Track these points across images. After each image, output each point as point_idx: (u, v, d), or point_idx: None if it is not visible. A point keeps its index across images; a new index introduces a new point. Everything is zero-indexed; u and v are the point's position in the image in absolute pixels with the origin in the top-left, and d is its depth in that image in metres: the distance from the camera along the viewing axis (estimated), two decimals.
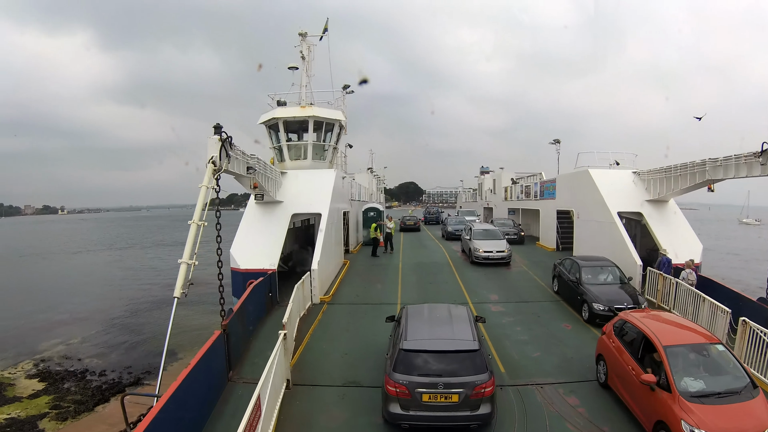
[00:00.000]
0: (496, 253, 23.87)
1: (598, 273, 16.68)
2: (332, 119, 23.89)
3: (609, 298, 14.94)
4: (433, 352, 9.10)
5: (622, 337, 10.36)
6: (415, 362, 8.92)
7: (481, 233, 25.82)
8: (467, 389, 8.54)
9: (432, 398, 8.58)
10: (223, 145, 11.51)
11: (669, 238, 20.10)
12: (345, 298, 18.34)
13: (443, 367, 8.85)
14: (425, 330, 9.99)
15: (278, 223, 19.44)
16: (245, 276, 17.30)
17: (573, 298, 16.58)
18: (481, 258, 23.74)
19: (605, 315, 14.07)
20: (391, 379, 8.77)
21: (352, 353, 12.76)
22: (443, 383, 8.59)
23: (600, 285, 15.98)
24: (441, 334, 9.81)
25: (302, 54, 24.45)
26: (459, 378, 8.65)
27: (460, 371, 8.77)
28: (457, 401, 8.55)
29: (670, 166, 19.91)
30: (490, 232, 26.12)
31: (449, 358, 9.02)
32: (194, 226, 10.51)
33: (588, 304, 15.14)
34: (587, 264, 17.15)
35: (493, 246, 24.20)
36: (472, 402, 8.56)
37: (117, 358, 20.55)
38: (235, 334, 12.06)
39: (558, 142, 37.91)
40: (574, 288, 16.48)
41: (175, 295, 9.94)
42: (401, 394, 8.65)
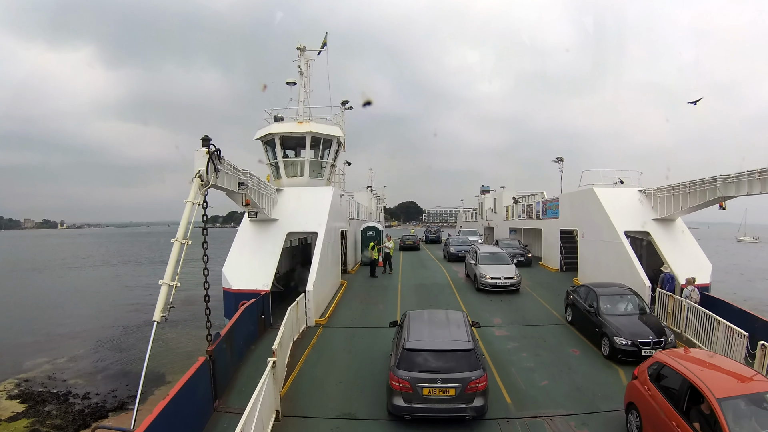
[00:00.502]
0: (505, 279, 21.63)
1: (617, 302, 15.05)
2: (330, 135, 23.28)
3: (632, 331, 13.37)
4: (433, 351, 10.09)
5: (660, 384, 8.81)
6: (417, 360, 9.89)
7: (487, 257, 23.55)
8: (462, 384, 9.50)
9: (431, 392, 9.53)
10: (210, 159, 10.84)
11: (677, 257, 19.44)
12: (341, 320, 17.53)
13: (441, 365, 9.80)
14: (425, 332, 10.99)
15: (273, 242, 18.71)
16: (237, 297, 16.53)
17: (590, 329, 15.00)
18: (488, 285, 21.56)
19: (628, 350, 12.91)
20: (395, 375, 9.74)
21: (347, 382, 11.95)
22: (441, 379, 9.55)
23: (620, 316, 14.42)
24: (439, 335, 10.90)
25: (300, 68, 23.94)
26: (455, 374, 9.60)
27: (456, 368, 9.72)
28: (454, 395, 9.50)
29: (678, 184, 19.32)
30: (498, 256, 23.84)
31: (447, 357, 10.00)
32: (177, 245, 9.81)
33: (608, 337, 13.53)
34: (605, 292, 15.48)
35: (501, 272, 21.99)
36: (467, 396, 9.53)
37: (103, 380, 19.61)
38: (222, 360, 11.30)
39: (561, 160, 37.32)
40: (592, 319, 14.85)
41: (154, 319, 9.21)
42: (404, 388, 9.61)
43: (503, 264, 22.95)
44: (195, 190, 10.39)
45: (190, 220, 10.15)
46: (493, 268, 22.34)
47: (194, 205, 10.25)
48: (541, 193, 35.96)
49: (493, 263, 22.90)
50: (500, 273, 21.85)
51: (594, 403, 10.73)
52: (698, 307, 14.65)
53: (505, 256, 23.93)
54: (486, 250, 24.99)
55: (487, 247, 26.52)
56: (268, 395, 9.21)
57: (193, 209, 10.23)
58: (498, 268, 22.26)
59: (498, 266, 22.53)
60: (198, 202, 10.33)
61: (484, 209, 53.77)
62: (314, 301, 16.61)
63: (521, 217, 37.27)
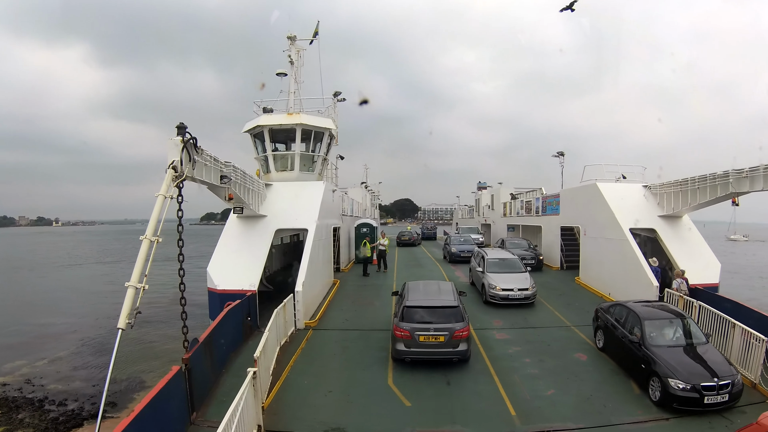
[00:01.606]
0: (519, 291, 18.35)
1: (664, 327, 11.83)
2: (322, 128, 22.28)
3: (691, 371, 10.33)
4: (427, 308, 12.91)
5: None
6: (414, 315, 12.64)
7: (497, 264, 20.29)
8: (450, 332, 12.13)
9: (426, 339, 12.12)
10: (185, 148, 9.84)
11: (685, 256, 18.64)
12: (333, 322, 16.57)
13: (434, 318, 12.55)
14: (421, 295, 13.87)
15: (261, 239, 17.75)
16: (223, 297, 15.60)
17: (631, 362, 11.79)
18: (499, 298, 18.27)
19: (687, 397, 9.92)
20: (398, 326, 12.39)
21: (337, 391, 11.01)
22: (434, 328, 12.22)
23: (673, 347, 11.22)
24: (432, 297, 13.78)
25: (291, 58, 22.94)
26: (444, 325, 12.29)
27: (445, 320, 12.44)
28: (443, 341, 12.11)
29: (686, 179, 18.46)
30: (509, 263, 20.58)
31: (438, 312, 12.76)
32: (146, 243, 8.79)
33: (660, 378, 10.36)
34: (650, 315, 12.21)
35: (513, 281, 18.76)
36: (454, 342, 12.14)
37: (82, 384, 18.49)
38: (200, 368, 10.35)
39: (562, 155, 36.28)
40: (634, 350, 11.54)
41: (119, 326, 8.21)
42: (405, 336, 12.18)
43: (516, 272, 19.81)
44: (167, 183, 9.39)
45: (161, 215, 9.15)
46: (505, 277, 19.14)
47: (166, 199, 9.26)
48: (539, 189, 35.09)
49: (504, 271, 19.75)
50: (513, 283, 18.64)
51: (605, 415, 9.87)
52: (712, 310, 13.74)
53: (518, 263, 20.77)
54: (495, 255, 21.67)
55: (496, 252, 22.91)
56: (248, 409, 8.29)
57: (165, 203, 9.23)
58: (510, 278, 19.12)
59: (510, 275, 19.41)
60: (171, 196, 9.34)
61: (480, 206, 52.73)
62: (303, 302, 15.64)
63: (519, 214, 36.29)
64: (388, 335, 14.19)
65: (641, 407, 10.21)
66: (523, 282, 18.84)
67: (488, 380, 11.61)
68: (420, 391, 10.94)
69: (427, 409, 10.15)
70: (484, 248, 24.86)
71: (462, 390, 11.04)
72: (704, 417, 9.83)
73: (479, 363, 12.69)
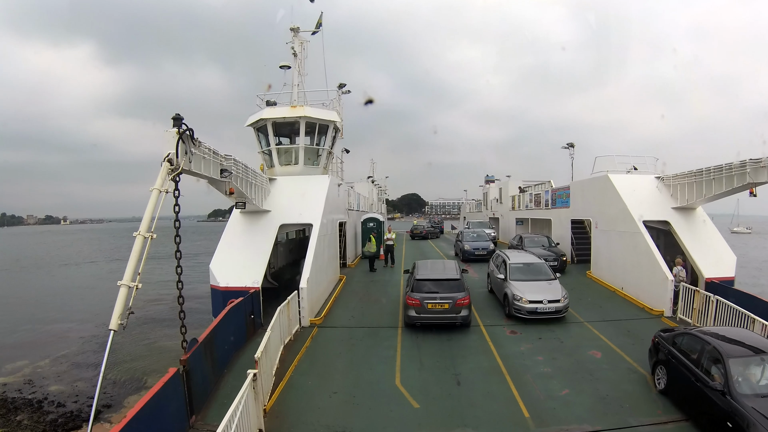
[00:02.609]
0: (549, 303, 15.56)
1: (755, 367, 8.52)
2: (326, 120, 21.77)
3: None
4: (434, 280, 15.24)
5: None
6: (423, 287, 14.94)
7: (521, 270, 17.48)
8: (453, 300, 14.48)
9: (433, 306, 14.46)
10: (181, 140, 9.41)
11: (699, 249, 18.17)
12: (339, 320, 16.17)
13: (439, 289, 14.84)
14: (429, 270, 16.15)
15: (264, 235, 17.35)
16: (226, 295, 15.25)
17: (709, 414, 8.52)
18: (525, 312, 15.50)
19: None
20: (410, 296, 14.77)
21: (342, 392, 10.58)
22: (440, 297, 14.56)
23: None
24: (438, 272, 16.04)
25: (294, 50, 22.43)
26: (448, 294, 14.63)
27: (449, 291, 14.74)
28: (448, 308, 14.46)
29: (701, 170, 17.87)
30: (536, 269, 17.71)
31: (443, 284, 15.05)
32: (140, 240, 8.37)
33: None
34: (737, 352, 8.74)
35: (542, 292, 15.97)
36: (456, 308, 14.47)
37: (83, 385, 18.11)
38: (200, 369, 9.98)
39: (571, 146, 35.54)
40: (714, 400, 8.28)
41: (111, 327, 7.80)
42: (415, 304, 14.54)
43: (544, 279, 17.08)
44: (163, 176, 8.97)
45: (155, 210, 8.74)
46: (532, 286, 16.36)
47: (161, 193, 8.84)
48: (548, 182, 34.51)
49: (529, 278, 17.01)
50: (541, 293, 15.89)
51: (622, 416, 9.38)
52: (730, 304, 13.25)
53: (546, 269, 17.84)
54: (519, 259, 18.50)
55: (519, 255, 19.49)
56: (249, 412, 7.92)
57: (161, 198, 8.82)
58: (538, 287, 16.34)
59: (537, 283, 16.67)
60: (166, 190, 8.92)
61: (488, 199, 52.14)
62: (308, 299, 15.24)
63: (528, 207, 35.72)
64: (396, 332, 14.60)
65: (660, 407, 9.73)
66: (553, 292, 16.07)
67: (500, 379, 11.15)
68: (428, 391, 10.50)
69: (436, 410, 9.71)
70: (505, 251, 20.67)
71: (472, 390, 10.57)
72: None
73: (490, 361, 12.24)
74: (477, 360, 12.39)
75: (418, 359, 12.43)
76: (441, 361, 12.31)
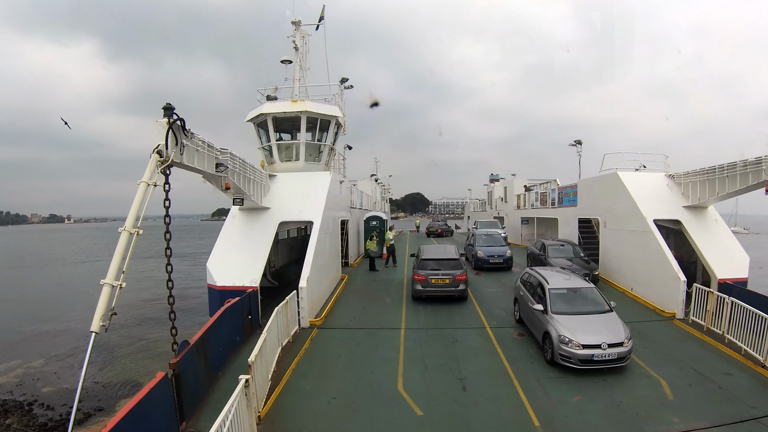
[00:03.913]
0: (609, 349, 11.01)
1: None
2: (328, 115, 21.22)
3: None
4: (437, 260, 18.11)
5: None
6: (428, 265, 17.80)
7: (566, 299, 12.78)
8: (452, 276, 17.22)
9: (436, 281, 17.20)
10: (171, 131, 8.91)
11: (712, 248, 17.64)
12: (339, 321, 15.62)
13: (441, 267, 17.67)
14: (432, 253, 18.95)
15: (263, 233, 16.84)
16: (223, 294, 14.74)
17: None
18: (578, 360, 11.01)
19: None
20: (417, 273, 17.57)
21: (342, 397, 10.02)
22: (442, 273, 17.35)
23: None
24: (440, 253, 18.85)
25: (295, 44, 21.89)
26: (449, 271, 17.42)
27: (449, 268, 17.58)
28: (448, 282, 17.17)
29: (714, 167, 17.34)
30: (585, 295, 13.07)
31: (444, 263, 17.90)
32: (125, 235, 7.89)
33: None
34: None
35: (597, 331, 11.46)
36: (455, 283, 17.18)
37: (75, 386, 17.58)
38: (191, 372, 9.47)
39: (579, 143, 34.85)
40: None
41: (92, 329, 7.35)
42: (421, 279, 17.28)
43: (597, 312, 12.41)
44: (151, 169, 8.48)
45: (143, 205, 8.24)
46: (583, 323, 11.80)
47: (150, 187, 8.34)
48: (554, 181, 33.93)
49: (578, 310, 12.38)
50: (598, 334, 11.33)
51: (637, 424, 8.83)
52: (747, 307, 12.67)
53: (598, 296, 13.00)
54: (559, 281, 13.63)
55: (559, 276, 14.36)
56: (241, 420, 7.42)
57: (148, 191, 8.32)
58: (591, 324, 11.79)
59: (590, 319, 12.06)
60: (155, 183, 8.42)
61: (493, 198, 51.56)
62: (308, 299, 14.71)
63: (534, 206, 35.14)
64: (399, 333, 14.06)
65: (677, 414, 9.18)
66: (612, 330, 11.52)
67: (507, 383, 10.62)
68: (433, 397, 9.95)
69: (440, 418, 9.14)
70: (539, 269, 15.24)
71: (479, 395, 10.00)
72: None
73: (496, 364, 11.70)
74: (482, 362, 11.86)
75: (421, 361, 11.89)
76: (445, 362, 11.77)
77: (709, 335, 13.82)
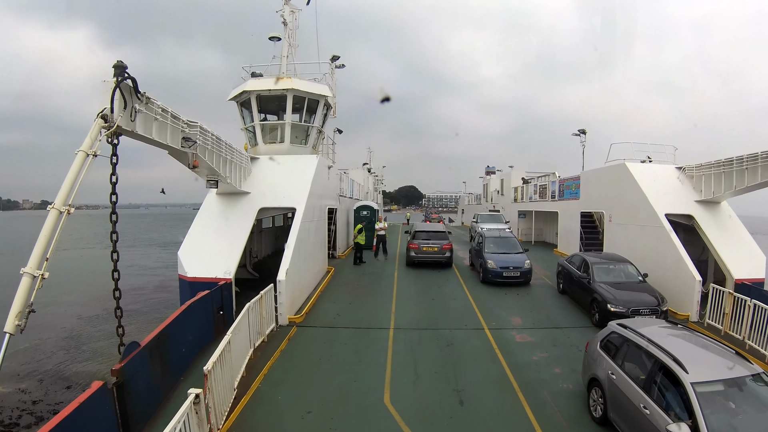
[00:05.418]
0: None
1: None
2: (316, 95, 19.62)
3: None
4: (428, 231, 22.86)
5: None
6: (421, 236, 22.20)
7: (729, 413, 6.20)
8: (440, 245, 21.51)
9: (427, 249, 21.41)
10: (120, 91, 7.40)
11: (726, 246, 16.47)
12: (323, 318, 14.12)
13: (431, 237, 22.10)
14: (424, 227, 24.18)
15: (241, 219, 15.31)
16: (194, 286, 13.32)
17: None
18: None
19: None
20: (411, 242, 21.90)
21: (319, 410, 8.54)
22: (431, 242, 21.63)
23: None
24: (430, 227, 24.00)
25: (284, 19, 20.30)
26: (437, 241, 21.74)
27: (438, 239, 21.96)
28: (436, 250, 21.37)
29: (731, 159, 16.10)
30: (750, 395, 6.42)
31: (434, 234, 22.40)
32: (53, 214, 6.46)
33: None
34: None
35: None
36: (443, 251, 21.43)
37: (32, 385, 15.70)
38: (143, 379, 8.03)
39: (583, 133, 33.38)
40: None
41: (6, 329, 5.87)
42: (415, 247, 21.48)
43: None
44: (92, 136, 6.99)
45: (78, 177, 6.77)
46: None
47: (89, 157, 6.86)
48: (553, 173, 32.57)
49: None
50: None
51: None
52: None
53: None
54: (712, 370, 6.73)
55: (690, 341, 7.70)
56: None
57: (86, 162, 6.84)
58: None
59: None
60: (94, 153, 6.94)
61: (489, 191, 50.07)
62: (287, 293, 13.23)
63: (532, 199, 33.76)
64: (387, 334, 12.76)
65: None
66: None
67: (510, 394, 9.23)
68: (425, 412, 8.49)
69: None
70: (645, 331, 8.04)
71: (478, 410, 8.57)
72: None
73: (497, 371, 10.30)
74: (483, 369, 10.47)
75: (412, 368, 10.46)
76: (440, 370, 10.35)
77: (726, 339, 12.52)
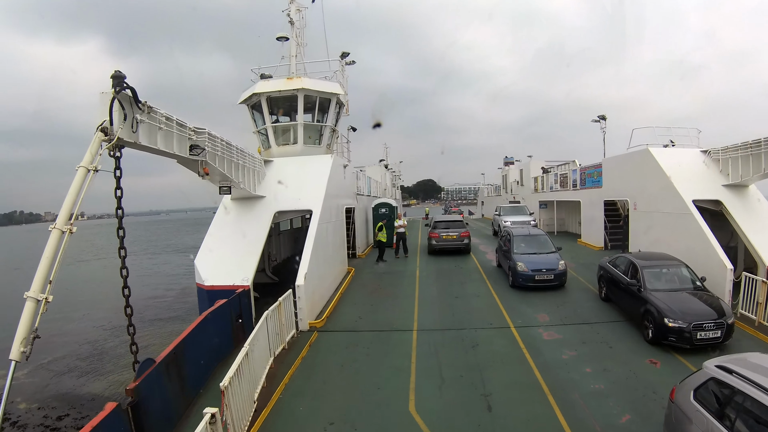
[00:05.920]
0: None
1: None
2: (327, 93, 19.35)
3: None
4: (446, 221, 25.88)
5: None
6: (440, 226, 24.68)
7: None
8: (459, 233, 23.70)
9: (447, 237, 23.57)
10: (119, 104, 7.17)
11: (759, 232, 15.74)
12: (344, 321, 13.86)
13: (450, 227, 24.44)
14: (443, 218, 28.71)
15: (257, 224, 15.15)
16: (212, 295, 13.13)
17: None
18: None
19: None
20: (432, 232, 24.14)
21: (341, 421, 8.28)
22: (450, 231, 23.85)
23: None
24: (448, 217, 28.82)
25: (291, 18, 20.03)
26: (456, 230, 23.95)
27: (456, 228, 24.24)
28: (455, 238, 23.52)
29: (758, 140, 15.41)
30: None
31: (452, 224, 24.98)
32: (55, 234, 6.22)
33: None
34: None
35: None
36: (462, 238, 23.57)
37: (51, 401, 15.48)
38: (159, 396, 7.84)
39: (603, 119, 32.57)
40: None
41: (11, 357, 5.67)
42: (435, 236, 23.76)
43: None
44: (92, 151, 6.77)
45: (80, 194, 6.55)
46: None
47: (90, 173, 6.64)
48: (573, 162, 31.90)
49: None
50: None
51: None
52: None
53: None
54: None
55: None
56: None
57: (87, 178, 6.62)
58: None
59: None
60: (95, 168, 6.71)
61: (508, 182, 49.34)
62: (306, 298, 12.97)
63: (553, 189, 33.12)
64: (411, 336, 12.34)
65: None
66: None
67: (540, 398, 8.83)
68: (451, 420, 8.16)
69: None
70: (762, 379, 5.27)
71: (507, 418, 8.20)
72: None
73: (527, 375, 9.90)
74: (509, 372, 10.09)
75: (437, 372, 10.13)
76: (465, 373, 10.00)
77: (760, 330, 11.97)
